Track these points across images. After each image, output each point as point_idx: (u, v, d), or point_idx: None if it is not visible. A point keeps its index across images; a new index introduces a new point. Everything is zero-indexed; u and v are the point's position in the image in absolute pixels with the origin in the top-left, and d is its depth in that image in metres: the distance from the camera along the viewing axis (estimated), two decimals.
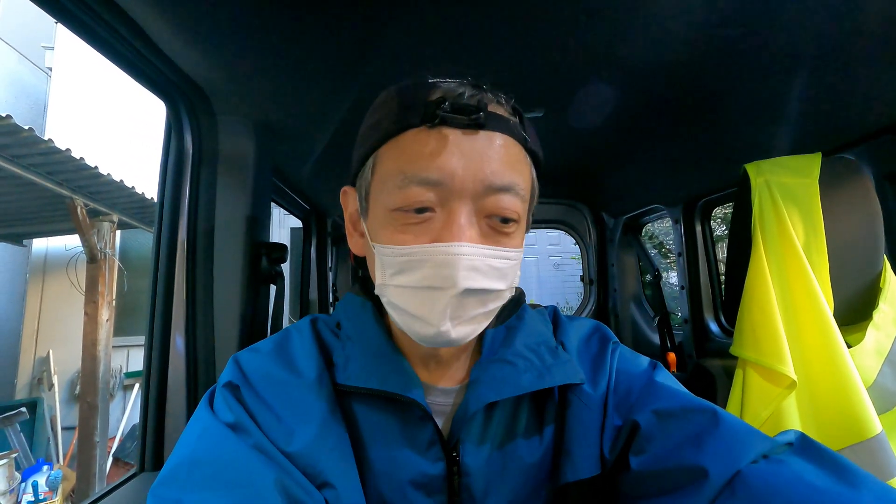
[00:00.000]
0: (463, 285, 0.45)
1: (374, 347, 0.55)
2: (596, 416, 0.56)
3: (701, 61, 0.84)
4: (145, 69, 0.76)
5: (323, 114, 1.01)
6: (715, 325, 1.53)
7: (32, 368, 4.73)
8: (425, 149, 0.47)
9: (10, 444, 3.62)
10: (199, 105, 0.88)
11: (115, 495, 0.77)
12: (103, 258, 3.77)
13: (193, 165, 0.89)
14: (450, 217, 0.47)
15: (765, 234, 0.88)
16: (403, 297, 0.49)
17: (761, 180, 0.90)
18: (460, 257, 0.45)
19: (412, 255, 0.47)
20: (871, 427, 0.76)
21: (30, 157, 2.98)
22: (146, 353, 0.88)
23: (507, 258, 0.49)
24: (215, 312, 0.90)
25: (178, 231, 0.88)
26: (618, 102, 1.02)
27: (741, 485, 0.43)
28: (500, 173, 0.47)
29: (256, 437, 0.48)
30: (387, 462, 0.52)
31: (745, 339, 0.89)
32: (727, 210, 4.32)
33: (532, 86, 0.95)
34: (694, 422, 0.50)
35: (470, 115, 0.47)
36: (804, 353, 0.83)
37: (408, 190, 0.47)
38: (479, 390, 0.53)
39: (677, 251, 1.61)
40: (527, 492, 0.55)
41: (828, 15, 0.69)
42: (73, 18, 0.62)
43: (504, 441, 0.55)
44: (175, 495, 0.42)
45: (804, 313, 0.84)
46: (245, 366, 0.54)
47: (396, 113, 0.50)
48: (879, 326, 0.84)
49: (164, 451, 0.85)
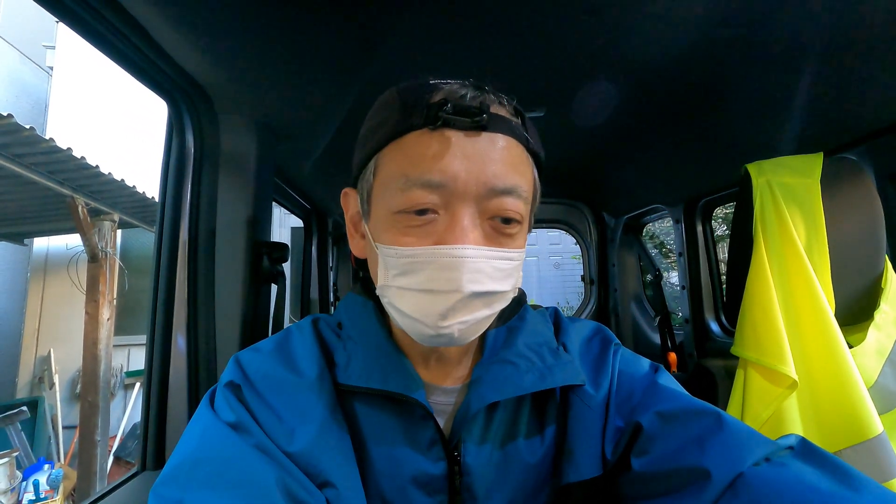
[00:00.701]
0: (468, 289, 0.46)
1: (376, 347, 0.56)
2: (597, 418, 0.56)
3: (702, 61, 0.84)
4: (147, 68, 0.76)
5: (325, 113, 1.01)
6: (716, 325, 1.53)
7: (33, 367, 4.74)
8: (428, 151, 0.47)
9: (11, 442, 3.62)
10: (200, 104, 0.88)
11: (117, 494, 0.77)
12: (104, 257, 3.77)
13: (195, 165, 0.89)
14: (453, 219, 0.47)
15: (766, 234, 0.88)
16: (406, 298, 0.49)
17: (763, 180, 0.90)
18: (465, 260, 0.45)
19: (416, 256, 0.47)
20: (873, 427, 0.76)
21: (31, 156, 2.99)
22: (148, 353, 0.88)
23: (511, 259, 0.49)
24: (217, 312, 0.90)
25: (179, 230, 0.88)
26: (619, 102, 1.02)
27: (743, 487, 0.43)
28: (502, 175, 0.47)
29: (258, 436, 0.48)
30: (388, 461, 0.52)
31: (746, 339, 0.89)
32: (728, 210, 4.31)
33: (533, 85, 0.95)
34: (697, 424, 0.50)
35: (472, 117, 0.46)
36: (805, 354, 0.83)
37: (410, 192, 0.47)
38: (481, 390, 0.53)
39: (678, 251, 1.61)
40: (528, 492, 0.55)
41: (830, 14, 0.69)
42: (74, 17, 0.62)
43: (505, 441, 0.55)
44: (177, 495, 0.42)
45: (805, 313, 0.84)
46: (246, 365, 0.54)
47: (398, 115, 0.49)
48: (881, 327, 0.84)
49: (165, 451, 0.85)
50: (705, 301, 1.54)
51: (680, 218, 1.57)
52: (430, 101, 0.48)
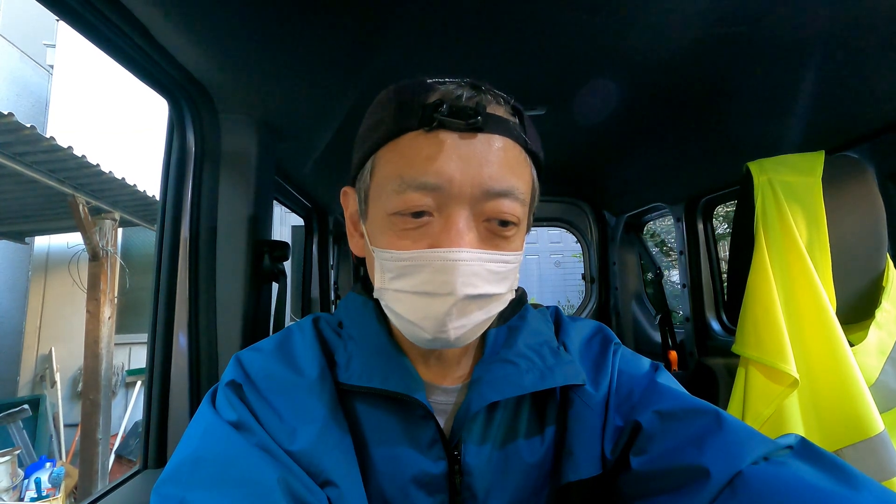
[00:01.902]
0: (463, 292, 0.45)
1: (376, 347, 0.56)
2: (597, 417, 0.56)
3: (703, 59, 0.83)
4: (147, 67, 0.76)
5: (325, 111, 1.01)
6: (717, 324, 1.53)
7: (35, 366, 4.76)
8: (423, 153, 0.47)
9: (12, 441, 3.64)
10: (201, 103, 0.88)
11: (118, 493, 0.77)
12: (105, 256, 3.78)
13: (196, 163, 0.89)
14: (448, 222, 0.47)
15: (767, 232, 0.88)
16: (402, 301, 0.49)
17: (764, 178, 0.90)
18: (458, 263, 0.45)
19: (410, 260, 0.47)
20: (874, 426, 0.76)
21: (32, 154, 2.99)
22: (149, 351, 0.88)
23: (507, 262, 0.49)
24: (218, 310, 0.90)
25: (180, 229, 0.88)
26: (620, 100, 1.02)
27: (742, 485, 0.43)
28: (498, 178, 0.47)
29: (259, 435, 0.48)
30: (388, 461, 0.52)
31: (747, 338, 0.88)
32: (729, 208, 4.31)
33: (534, 83, 0.95)
34: (696, 423, 0.50)
35: (468, 118, 0.46)
36: (806, 352, 0.83)
37: (405, 195, 0.47)
38: (482, 390, 0.53)
39: (679, 249, 1.61)
40: (528, 491, 0.55)
41: (831, 11, 0.69)
42: (74, 15, 0.61)
43: (505, 441, 0.55)
44: (179, 494, 0.42)
45: (806, 312, 0.84)
46: (247, 365, 0.54)
47: (394, 115, 0.49)
48: (882, 325, 0.84)
49: (166, 449, 0.85)
50: (706, 299, 1.54)
51: (681, 216, 1.57)
52: (426, 101, 0.47)
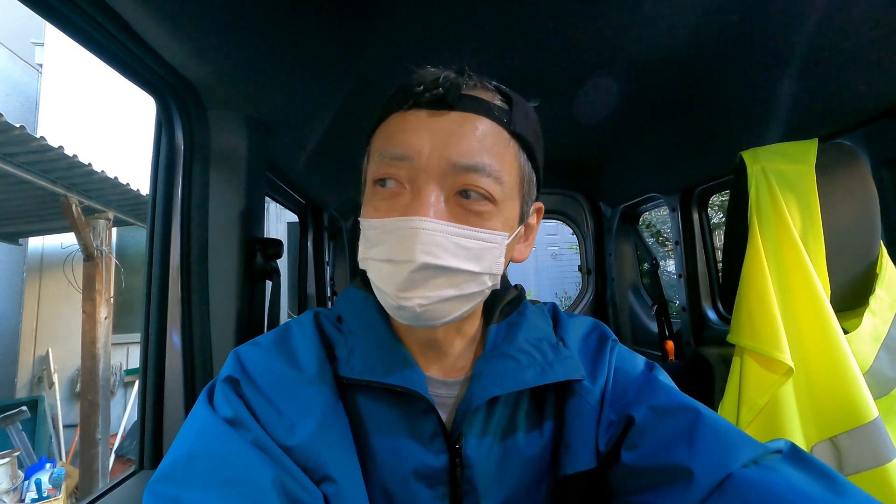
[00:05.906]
0: (421, 259, 0.46)
1: (377, 340, 0.56)
2: (594, 411, 0.56)
3: (697, 48, 0.83)
4: (133, 64, 0.75)
5: (317, 107, 1.00)
6: (713, 313, 1.54)
7: (32, 367, 4.73)
8: (398, 128, 0.50)
9: (12, 442, 3.63)
10: (189, 100, 0.87)
11: (115, 494, 0.77)
12: (100, 256, 3.76)
13: (185, 161, 0.88)
14: (416, 193, 0.49)
15: (761, 221, 0.88)
16: (373, 269, 0.51)
17: (758, 167, 0.89)
18: (419, 231, 0.46)
19: (381, 227, 0.49)
20: (868, 412, 0.77)
21: (22, 155, 2.95)
22: (143, 352, 0.88)
23: (480, 239, 0.49)
24: (211, 309, 0.90)
25: (171, 228, 0.87)
26: (615, 92, 1.01)
27: (732, 488, 0.44)
28: (467, 153, 0.48)
29: (256, 432, 0.48)
30: (390, 454, 0.53)
31: (742, 327, 0.89)
32: (724, 198, 4.32)
33: (528, 75, 0.94)
34: (686, 419, 0.51)
35: (440, 97, 0.49)
36: (801, 340, 0.83)
37: (380, 166, 0.50)
38: (483, 384, 0.53)
39: (675, 239, 1.62)
40: (527, 484, 0.56)
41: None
42: (58, 15, 0.60)
43: (505, 434, 0.56)
44: (172, 492, 0.42)
45: (801, 300, 0.84)
46: (245, 360, 0.54)
47: (385, 101, 0.54)
48: (876, 312, 0.84)
49: (162, 449, 0.85)
50: (702, 289, 1.54)
51: (676, 206, 1.57)
52: (407, 84, 0.50)
